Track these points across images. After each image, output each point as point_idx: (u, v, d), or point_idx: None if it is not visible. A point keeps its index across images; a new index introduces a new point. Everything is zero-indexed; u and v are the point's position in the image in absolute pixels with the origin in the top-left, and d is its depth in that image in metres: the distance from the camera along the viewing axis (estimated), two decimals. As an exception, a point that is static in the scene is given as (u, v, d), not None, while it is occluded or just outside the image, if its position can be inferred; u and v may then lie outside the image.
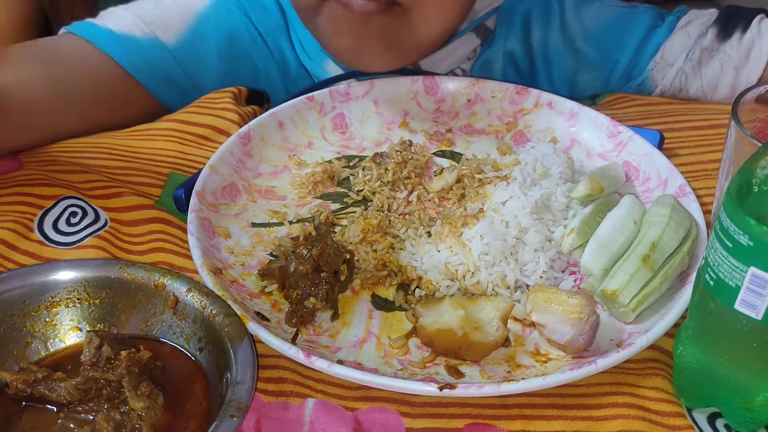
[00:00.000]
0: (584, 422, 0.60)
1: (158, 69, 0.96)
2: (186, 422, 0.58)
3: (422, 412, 0.61)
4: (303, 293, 0.68)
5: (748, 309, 0.53)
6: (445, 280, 0.72)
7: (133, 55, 0.94)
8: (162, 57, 0.96)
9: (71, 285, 0.65)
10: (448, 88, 0.95)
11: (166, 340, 0.65)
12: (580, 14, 1.05)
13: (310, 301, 0.67)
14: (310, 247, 0.70)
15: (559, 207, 0.78)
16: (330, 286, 0.68)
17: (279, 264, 0.70)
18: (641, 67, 1.04)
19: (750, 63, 1.00)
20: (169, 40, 0.97)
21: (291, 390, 0.62)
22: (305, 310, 0.67)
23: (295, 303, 0.68)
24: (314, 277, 0.68)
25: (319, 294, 0.68)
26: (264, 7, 1.02)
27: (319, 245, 0.69)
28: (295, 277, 0.68)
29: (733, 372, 0.57)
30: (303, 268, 0.68)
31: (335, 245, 0.71)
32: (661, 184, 0.80)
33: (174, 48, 0.97)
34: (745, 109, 0.68)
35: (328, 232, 0.75)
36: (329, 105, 0.92)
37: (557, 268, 0.75)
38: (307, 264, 0.68)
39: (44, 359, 0.63)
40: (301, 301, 0.68)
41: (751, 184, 0.53)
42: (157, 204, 0.80)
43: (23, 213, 0.76)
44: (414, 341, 0.68)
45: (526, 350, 0.67)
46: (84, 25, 0.95)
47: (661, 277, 0.68)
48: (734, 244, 0.53)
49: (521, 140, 0.92)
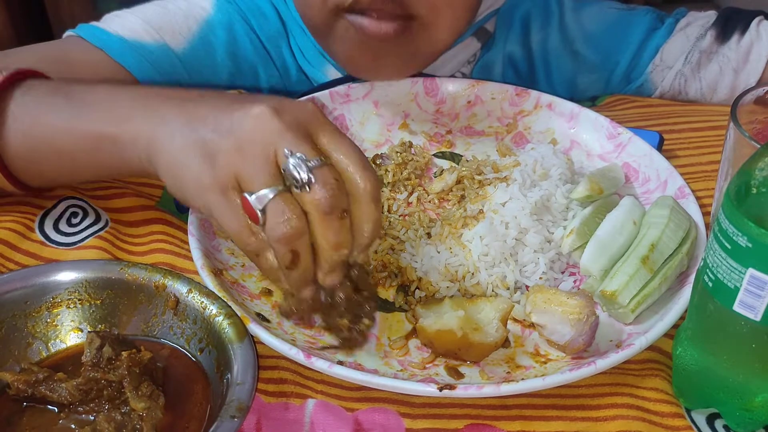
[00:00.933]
0: (583, 423, 0.60)
1: (168, 77, 0.96)
2: (187, 423, 0.58)
3: (422, 412, 0.61)
4: (354, 318, 0.64)
5: (747, 310, 0.54)
6: (444, 281, 0.73)
7: (145, 65, 0.93)
8: (171, 64, 0.96)
9: (72, 286, 0.65)
10: (448, 90, 0.95)
11: (166, 341, 0.65)
12: (580, 16, 1.06)
13: (363, 323, 0.64)
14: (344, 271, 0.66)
15: (558, 208, 0.78)
16: (374, 302, 0.66)
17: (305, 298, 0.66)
18: (640, 69, 1.05)
19: (749, 65, 1.00)
20: (177, 46, 0.96)
21: (291, 391, 0.62)
22: (360, 333, 0.65)
23: (347, 330, 0.65)
24: (359, 298, 0.65)
25: (369, 314, 0.65)
26: (263, 14, 1.02)
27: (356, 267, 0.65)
28: (342, 304, 0.64)
29: (732, 373, 0.57)
30: (347, 293, 0.64)
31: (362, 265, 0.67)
32: (661, 185, 0.80)
33: (182, 54, 0.97)
34: (744, 111, 0.68)
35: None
36: (330, 106, 0.92)
37: (557, 269, 0.75)
38: (348, 289, 0.64)
39: (45, 360, 0.64)
40: (355, 326, 0.64)
41: (750, 185, 0.53)
42: (158, 205, 0.80)
43: (24, 213, 0.76)
44: (414, 342, 0.68)
45: (525, 351, 0.67)
46: (93, 30, 0.94)
47: (660, 278, 0.68)
48: (733, 246, 0.53)
49: (521, 142, 0.92)
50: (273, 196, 0.57)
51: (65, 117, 0.68)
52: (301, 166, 0.57)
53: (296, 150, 0.57)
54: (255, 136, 0.58)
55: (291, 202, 0.57)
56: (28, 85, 0.71)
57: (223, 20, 0.99)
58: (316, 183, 0.56)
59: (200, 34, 0.98)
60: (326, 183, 0.57)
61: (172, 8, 0.98)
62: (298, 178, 0.57)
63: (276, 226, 0.57)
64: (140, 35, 0.94)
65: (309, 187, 0.57)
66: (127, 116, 0.66)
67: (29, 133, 0.69)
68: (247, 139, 0.58)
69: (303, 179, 0.56)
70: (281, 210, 0.56)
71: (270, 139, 0.58)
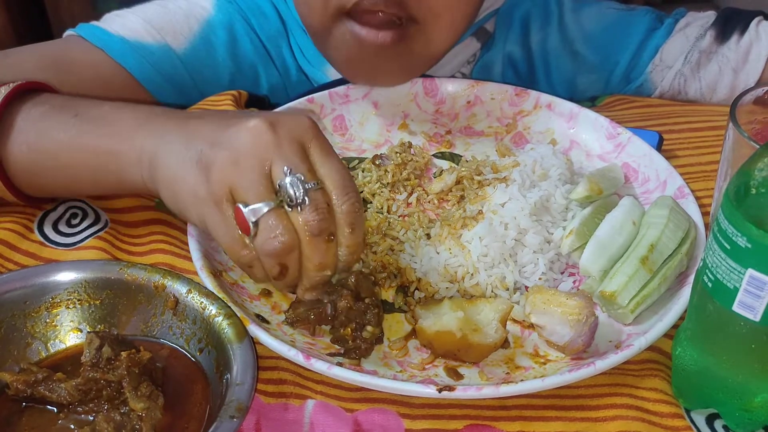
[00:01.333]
0: (583, 423, 0.60)
1: (169, 78, 0.96)
2: (186, 423, 0.58)
3: (421, 413, 0.61)
4: (357, 326, 0.65)
5: (746, 311, 0.54)
6: (444, 282, 0.73)
7: (146, 65, 0.93)
8: (172, 64, 0.96)
9: (72, 286, 0.65)
10: (447, 90, 0.95)
11: (166, 341, 0.65)
12: (579, 17, 1.06)
13: (367, 330, 0.65)
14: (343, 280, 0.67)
15: (558, 208, 0.78)
16: (378, 309, 0.66)
17: (310, 309, 0.67)
18: (640, 69, 1.05)
19: (748, 65, 1.00)
20: (178, 46, 0.96)
21: (291, 391, 0.62)
22: (365, 341, 0.65)
23: (351, 339, 0.65)
24: (361, 306, 0.66)
25: (372, 321, 0.65)
26: (263, 14, 1.02)
27: (353, 275, 0.66)
28: (343, 314, 0.65)
29: (732, 373, 0.57)
30: (346, 303, 0.65)
31: (361, 271, 0.68)
32: (660, 185, 0.80)
33: (183, 54, 0.97)
34: (743, 111, 0.68)
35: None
36: (329, 107, 0.92)
37: (556, 270, 0.75)
38: (348, 297, 0.65)
39: (45, 360, 0.64)
40: (359, 335, 0.65)
41: (749, 186, 0.53)
42: (158, 205, 0.80)
43: (24, 214, 0.76)
44: (413, 343, 0.68)
45: (525, 352, 0.67)
46: (93, 30, 0.94)
47: (659, 278, 0.68)
48: (732, 246, 0.53)
49: (520, 142, 0.92)
50: (267, 211, 0.59)
51: (70, 132, 0.70)
52: (298, 186, 0.59)
53: (296, 169, 0.59)
54: (250, 150, 0.60)
55: (284, 219, 0.59)
56: (36, 99, 0.72)
57: (223, 20, 0.99)
58: (310, 205, 0.59)
59: (201, 34, 0.98)
60: (318, 207, 0.59)
61: (173, 8, 0.98)
62: (293, 197, 0.59)
63: (267, 241, 0.59)
64: (141, 35, 0.94)
65: (301, 207, 0.59)
66: (130, 134, 0.67)
67: (34, 147, 0.71)
68: (243, 152, 0.60)
69: (298, 199, 0.59)
70: (274, 225, 0.59)
71: (265, 153, 0.60)
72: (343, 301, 0.65)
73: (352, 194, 0.62)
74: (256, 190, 0.59)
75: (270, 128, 0.60)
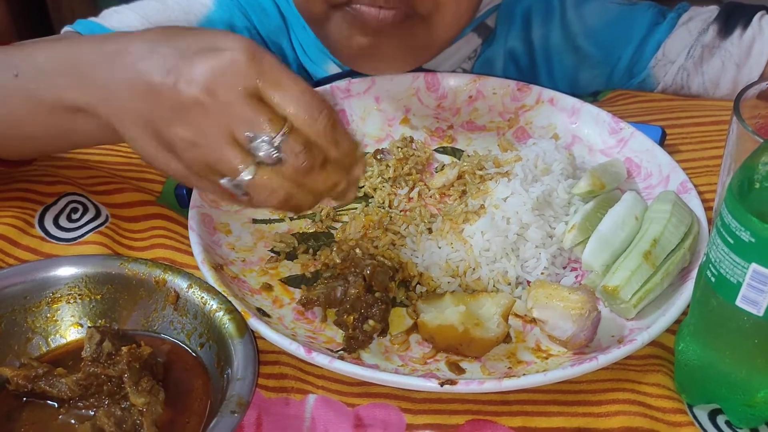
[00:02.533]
0: (585, 418, 0.60)
1: None
2: (187, 418, 0.58)
3: (423, 408, 0.61)
4: (360, 317, 0.65)
5: (750, 305, 0.53)
6: (446, 277, 0.72)
7: None
8: None
9: (72, 281, 0.65)
10: (449, 85, 0.94)
11: (167, 336, 0.65)
12: (581, 12, 1.05)
13: (368, 324, 0.65)
14: (359, 269, 0.66)
15: (560, 203, 0.78)
16: (386, 306, 0.66)
17: (322, 291, 0.67)
18: (643, 65, 1.04)
19: (751, 60, 1.00)
20: None
21: (292, 386, 0.62)
22: (364, 334, 0.65)
23: (352, 328, 0.65)
24: (369, 298, 0.65)
25: (376, 316, 0.65)
26: (264, 10, 1.01)
27: (369, 265, 0.66)
28: (350, 301, 0.65)
29: (735, 368, 0.57)
30: (355, 291, 0.65)
31: (382, 263, 0.68)
32: (663, 180, 0.80)
33: None
34: (746, 106, 0.68)
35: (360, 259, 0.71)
36: (330, 101, 0.91)
37: (558, 265, 0.75)
38: (359, 286, 0.65)
39: (45, 355, 0.63)
40: (360, 326, 0.65)
41: (753, 180, 0.53)
42: (159, 200, 0.80)
43: (24, 209, 0.76)
44: (415, 337, 0.68)
45: (527, 346, 0.67)
46: (90, 26, 0.93)
47: (662, 273, 0.68)
48: (736, 241, 0.53)
49: (522, 137, 0.92)
50: (249, 179, 0.56)
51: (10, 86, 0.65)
52: (266, 147, 0.55)
53: (256, 128, 0.55)
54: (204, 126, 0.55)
55: (269, 175, 0.56)
56: None
57: (224, 16, 0.99)
58: (287, 158, 0.55)
59: None
60: (296, 154, 0.55)
61: (172, 4, 0.98)
62: (267, 159, 0.55)
63: (265, 200, 0.57)
64: None
65: (280, 162, 0.56)
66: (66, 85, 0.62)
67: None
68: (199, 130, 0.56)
69: (273, 159, 0.55)
70: (262, 187, 0.56)
71: (222, 125, 0.55)
72: (353, 288, 0.64)
73: (321, 112, 0.57)
74: (230, 165, 0.55)
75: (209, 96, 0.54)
